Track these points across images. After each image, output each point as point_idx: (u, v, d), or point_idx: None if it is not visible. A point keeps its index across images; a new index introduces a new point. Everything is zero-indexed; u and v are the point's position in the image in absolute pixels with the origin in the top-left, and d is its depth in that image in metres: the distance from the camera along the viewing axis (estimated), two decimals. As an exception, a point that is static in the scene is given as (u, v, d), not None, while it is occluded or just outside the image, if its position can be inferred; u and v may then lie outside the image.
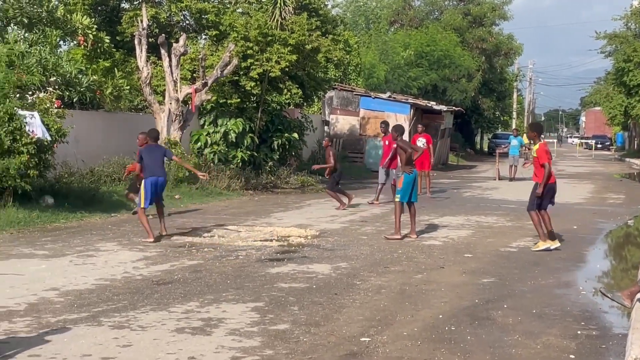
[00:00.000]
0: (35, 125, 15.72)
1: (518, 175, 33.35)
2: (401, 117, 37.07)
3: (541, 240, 12.91)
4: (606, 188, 30.11)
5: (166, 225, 14.24)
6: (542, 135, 14.37)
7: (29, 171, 15.33)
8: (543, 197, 13.01)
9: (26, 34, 20.89)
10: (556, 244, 12.95)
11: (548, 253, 12.73)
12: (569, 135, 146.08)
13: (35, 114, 15.95)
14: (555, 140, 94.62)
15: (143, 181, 13.84)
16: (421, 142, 24.26)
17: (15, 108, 15.46)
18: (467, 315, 7.99)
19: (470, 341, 6.88)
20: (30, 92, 17.84)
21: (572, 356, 6.54)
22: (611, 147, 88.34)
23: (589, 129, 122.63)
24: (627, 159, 59.40)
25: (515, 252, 12.99)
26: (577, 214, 19.76)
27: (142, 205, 13.73)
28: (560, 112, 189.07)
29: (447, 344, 6.76)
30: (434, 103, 43.44)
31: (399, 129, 15.07)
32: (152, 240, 13.29)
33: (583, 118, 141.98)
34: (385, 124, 20.85)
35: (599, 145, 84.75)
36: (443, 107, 42.57)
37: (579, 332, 7.42)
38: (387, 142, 20.30)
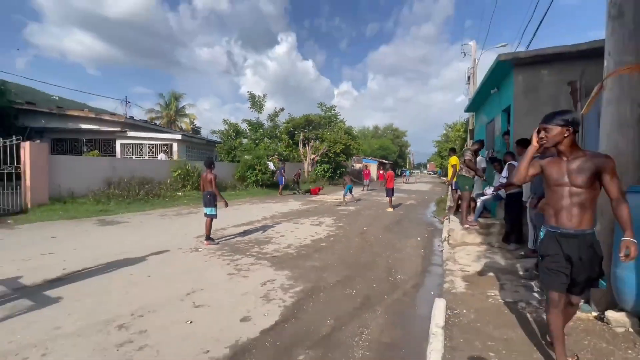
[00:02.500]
0: (270, 166, 40.66)
1: None
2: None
3: None
4: None
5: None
6: None
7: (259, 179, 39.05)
8: None
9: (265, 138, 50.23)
10: None
11: None
12: None
13: (270, 163, 41.38)
14: None
15: None
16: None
17: (264, 161, 39.98)
18: None
19: None
20: (266, 156, 42.30)
21: None
22: None
23: None
24: None
25: None
26: None
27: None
28: None
29: None
30: None
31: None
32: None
33: None
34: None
35: None
36: None
37: None
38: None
